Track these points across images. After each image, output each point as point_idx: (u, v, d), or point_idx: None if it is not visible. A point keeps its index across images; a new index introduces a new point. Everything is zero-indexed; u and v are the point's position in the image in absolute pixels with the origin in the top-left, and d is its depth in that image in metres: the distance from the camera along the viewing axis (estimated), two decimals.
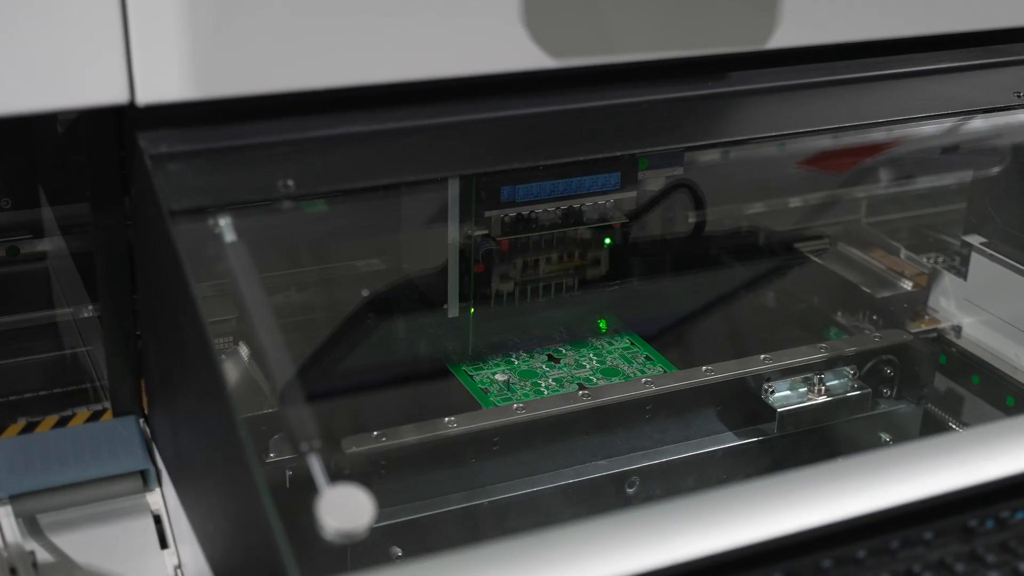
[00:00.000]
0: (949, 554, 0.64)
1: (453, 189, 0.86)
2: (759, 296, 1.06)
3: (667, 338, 0.98)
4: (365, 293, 0.90)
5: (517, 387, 0.88)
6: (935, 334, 0.99)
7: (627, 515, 0.61)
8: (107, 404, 0.82)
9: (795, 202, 1.11)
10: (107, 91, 0.66)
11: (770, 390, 0.89)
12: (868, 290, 1.02)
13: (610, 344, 0.94)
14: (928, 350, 0.95)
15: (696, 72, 0.81)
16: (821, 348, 0.92)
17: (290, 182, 0.68)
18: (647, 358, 0.92)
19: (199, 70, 0.67)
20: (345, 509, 0.56)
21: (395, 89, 0.72)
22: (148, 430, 0.79)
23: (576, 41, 0.75)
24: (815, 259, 1.05)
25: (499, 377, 0.89)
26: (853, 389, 0.91)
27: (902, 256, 1.07)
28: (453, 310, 0.90)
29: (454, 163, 0.76)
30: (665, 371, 0.90)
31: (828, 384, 0.91)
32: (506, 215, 0.88)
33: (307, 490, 0.59)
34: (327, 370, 0.87)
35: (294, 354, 0.66)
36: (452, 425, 0.81)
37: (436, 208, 0.87)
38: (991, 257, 0.97)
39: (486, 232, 0.88)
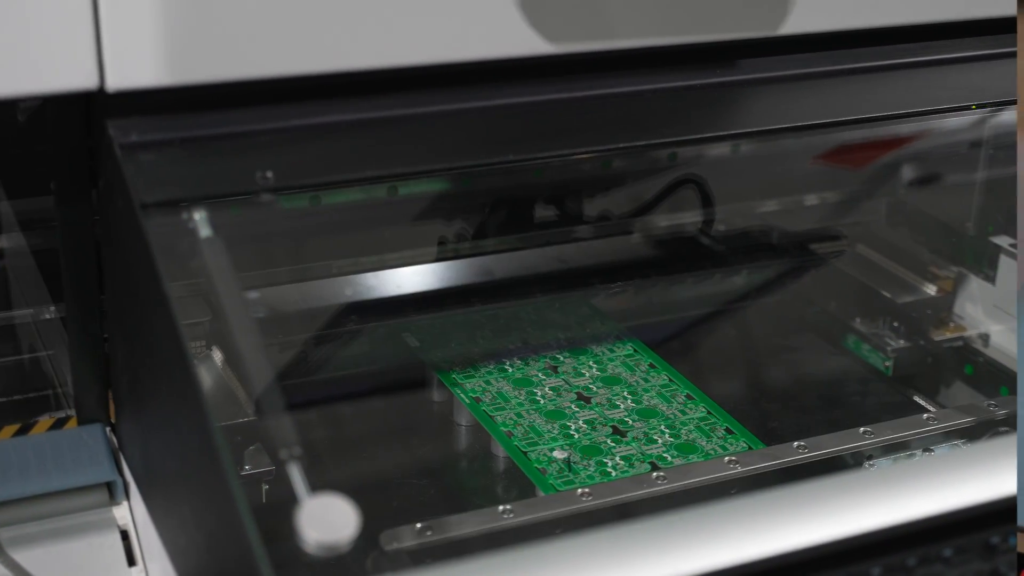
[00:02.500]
0: (969, 572, 0.65)
1: (443, 183, 0.87)
2: (770, 302, 1.06)
3: (675, 346, 0.98)
4: (348, 293, 0.91)
5: (580, 468, 0.82)
6: (961, 342, 0.99)
7: (631, 529, 0.61)
8: (71, 411, 0.83)
9: (810, 200, 1.11)
10: (75, 76, 0.67)
11: (872, 468, 0.84)
12: (889, 295, 1.02)
13: (683, 413, 0.88)
14: None
15: (703, 59, 0.81)
16: (931, 420, 0.87)
17: (269, 174, 0.69)
18: (727, 431, 0.86)
19: (173, 54, 0.67)
20: (327, 520, 0.57)
21: (381, 76, 0.73)
22: (115, 439, 0.80)
23: (575, 25, 0.75)
24: (832, 262, 1.06)
25: (558, 455, 0.83)
26: None
27: (925, 259, 1.07)
28: (446, 315, 0.91)
29: (444, 155, 0.76)
30: (749, 447, 0.84)
31: None
32: (500, 211, 0.89)
33: (286, 504, 0.59)
34: (307, 376, 0.88)
35: (272, 358, 0.67)
36: (508, 516, 0.75)
37: (425, 204, 0.88)
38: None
39: (478, 230, 0.89)
